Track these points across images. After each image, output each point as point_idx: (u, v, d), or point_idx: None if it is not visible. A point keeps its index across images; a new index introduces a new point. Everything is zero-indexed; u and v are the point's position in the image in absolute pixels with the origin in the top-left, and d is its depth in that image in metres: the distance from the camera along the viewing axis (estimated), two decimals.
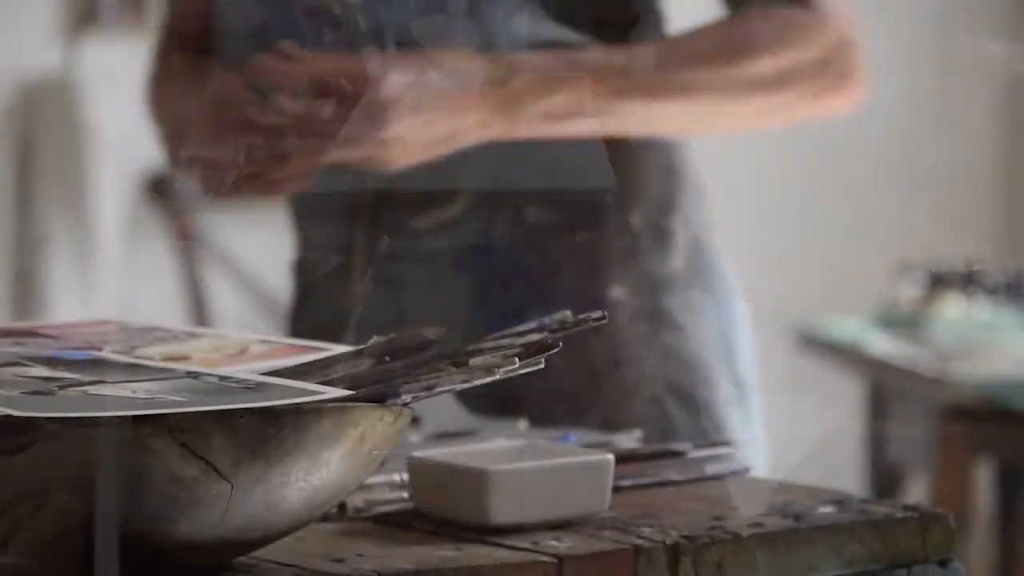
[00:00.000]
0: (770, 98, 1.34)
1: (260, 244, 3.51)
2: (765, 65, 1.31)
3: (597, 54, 1.31)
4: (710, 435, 1.32)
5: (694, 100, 1.33)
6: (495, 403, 1.23)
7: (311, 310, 1.42)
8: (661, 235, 1.39)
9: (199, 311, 3.59)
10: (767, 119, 1.42)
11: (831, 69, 1.35)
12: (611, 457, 0.99)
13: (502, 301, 1.32)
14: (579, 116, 1.28)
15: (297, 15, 1.27)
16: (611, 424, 1.27)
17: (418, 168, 1.27)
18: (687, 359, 1.38)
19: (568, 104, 1.27)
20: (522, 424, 1.22)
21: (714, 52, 1.33)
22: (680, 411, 1.36)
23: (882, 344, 3.31)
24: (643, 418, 1.31)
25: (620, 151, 1.32)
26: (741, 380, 1.42)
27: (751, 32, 1.32)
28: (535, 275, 1.35)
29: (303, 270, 1.46)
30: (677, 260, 1.39)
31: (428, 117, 1.24)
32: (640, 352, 1.35)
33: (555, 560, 0.89)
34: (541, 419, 1.26)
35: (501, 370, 0.84)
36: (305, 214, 1.44)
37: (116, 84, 3.92)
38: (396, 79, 1.22)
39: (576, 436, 1.17)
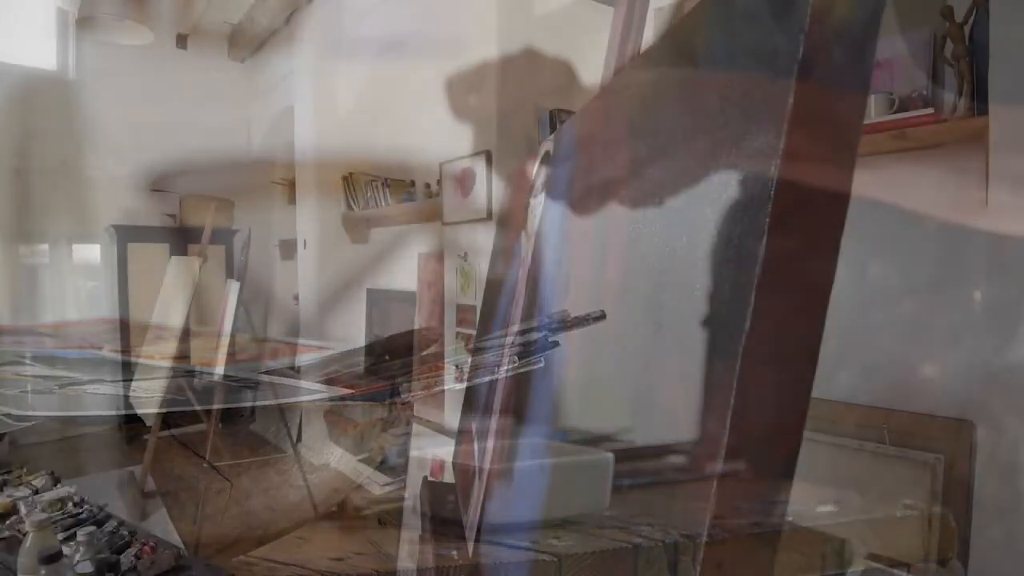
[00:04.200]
0: None
1: (261, 242, 3.53)
2: None
3: None
4: None
5: None
6: None
7: None
8: None
9: (199, 310, 3.59)
10: None
11: None
12: (611, 457, 0.99)
13: None
14: None
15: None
16: None
17: None
18: None
19: None
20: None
21: None
22: None
23: None
24: None
25: None
26: None
27: None
28: None
29: None
30: None
31: None
32: None
33: (555, 559, 0.89)
34: None
35: (501, 369, 0.84)
36: None
37: (116, 84, 3.92)
38: None
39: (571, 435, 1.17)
